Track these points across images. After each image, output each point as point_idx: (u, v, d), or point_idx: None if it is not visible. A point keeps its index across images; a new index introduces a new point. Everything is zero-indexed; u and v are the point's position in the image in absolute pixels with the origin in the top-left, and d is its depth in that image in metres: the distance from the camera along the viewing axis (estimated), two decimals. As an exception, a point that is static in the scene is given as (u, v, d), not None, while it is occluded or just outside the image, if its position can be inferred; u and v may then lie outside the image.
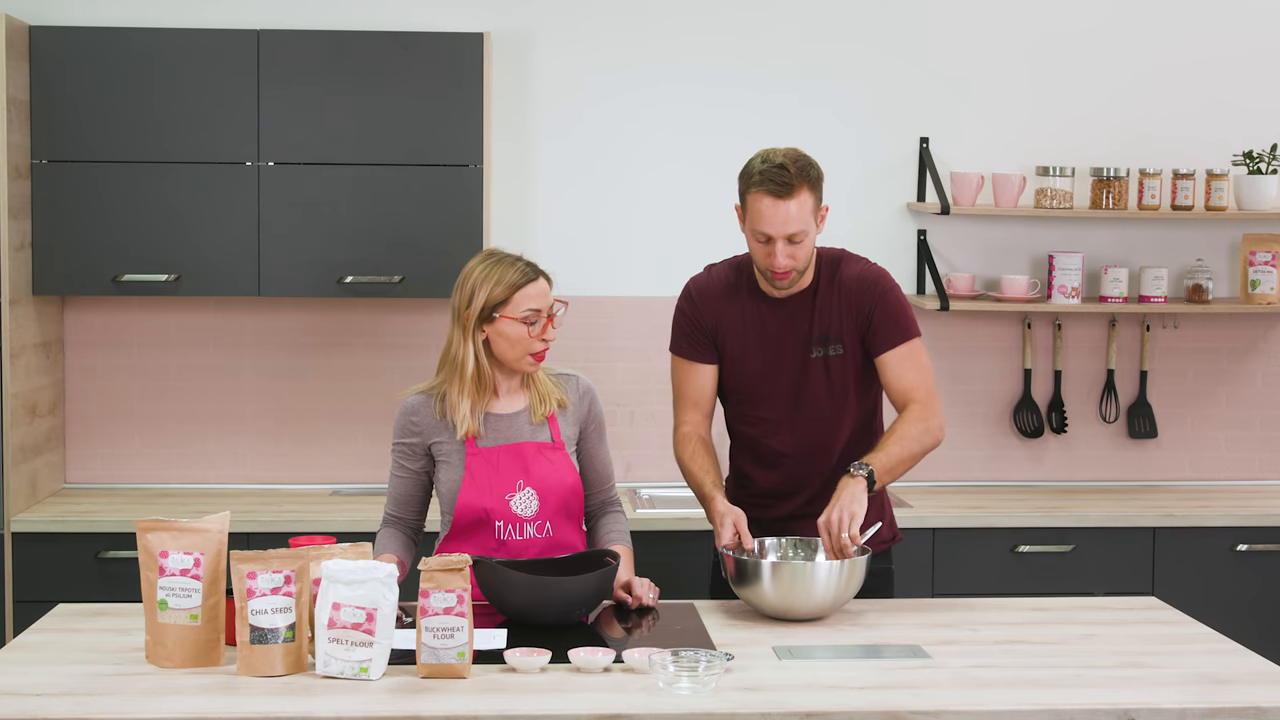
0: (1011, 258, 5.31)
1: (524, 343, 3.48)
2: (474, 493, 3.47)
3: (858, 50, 5.24)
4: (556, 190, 5.22)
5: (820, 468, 3.68)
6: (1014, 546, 4.82)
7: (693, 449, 3.69)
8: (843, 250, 3.73)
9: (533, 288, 3.50)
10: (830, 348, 3.64)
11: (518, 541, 3.48)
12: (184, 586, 3.04)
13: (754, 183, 3.53)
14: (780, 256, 3.52)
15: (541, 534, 3.50)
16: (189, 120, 4.81)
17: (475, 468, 3.48)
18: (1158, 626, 3.45)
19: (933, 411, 3.60)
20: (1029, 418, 5.32)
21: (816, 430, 3.67)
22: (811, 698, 2.87)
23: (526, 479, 3.49)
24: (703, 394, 3.73)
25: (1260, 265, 5.18)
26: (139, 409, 5.18)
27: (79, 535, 4.64)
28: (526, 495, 3.49)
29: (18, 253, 4.71)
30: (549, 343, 3.52)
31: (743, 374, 3.69)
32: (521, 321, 3.47)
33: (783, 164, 3.51)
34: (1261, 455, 5.40)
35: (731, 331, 3.68)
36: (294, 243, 4.84)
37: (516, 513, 3.48)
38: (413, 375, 5.13)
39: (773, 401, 3.67)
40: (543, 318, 3.50)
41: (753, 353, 3.67)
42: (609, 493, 3.68)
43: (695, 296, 3.74)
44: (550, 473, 3.51)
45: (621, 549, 3.59)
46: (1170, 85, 5.29)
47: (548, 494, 3.50)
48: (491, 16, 5.13)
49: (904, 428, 3.56)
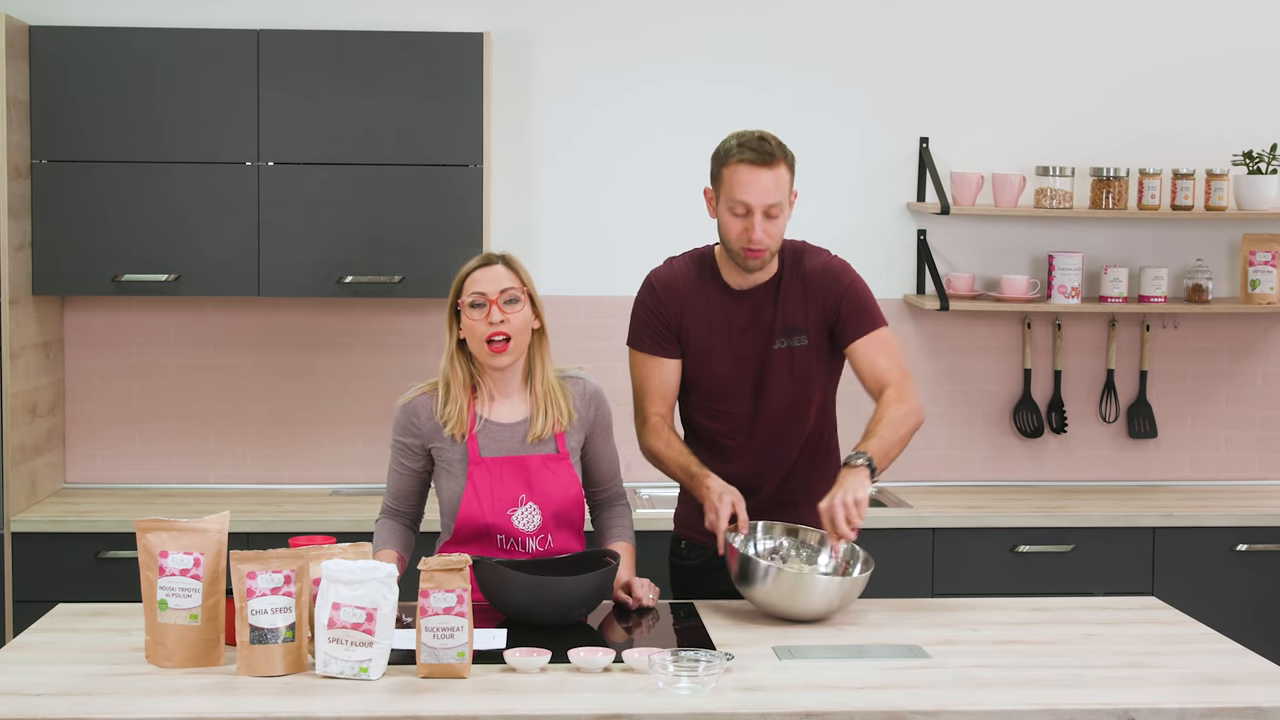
0: (1011, 258, 5.31)
1: (475, 329, 3.42)
2: (475, 506, 3.45)
3: (857, 50, 5.24)
4: (556, 190, 5.22)
5: (781, 461, 3.67)
6: (1014, 546, 4.82)
7: (667, 436, 3.66)
8: (803, 242, 3.72)
9: (482, 273, 3.44)
10: (794, 339, 3.62)
11: (519, 555, 3.47)
12: (184, 586, 3.04)
13: (733, 153, 3.53)
14: (758, 230, 3.50)
15: (543, 547, 3.48)
16: (189, 120, 4.81)
17: (478, 479, 3.46)
18: (1158, 626, 3.45)
19: (909, 391, 3.57)
20: (1029, 418, 5.33)
21: (778, 422, 3.65)
22: (811, 698, 2.87)
23: (530, 494, 3.47)
24: (668, 388, 3.69)
25: (1260, 265, 5.18)
26: (139, 409, 5.18)
27: (79, 535, 4.64)
28: (529, 510, 3.47)
29: (18, 253, 4.71)
30: (496, 327, 3.39)
31: (706, 367, 3.66)
32: (471, 307, 3.42)
33: (763, 136, 3.53)
34: (1261, 455, 5.40)
35: (695, 324, 3.65)
36: (294, 243, 4.85)
37: (518, 528, 3.46)
38: (412, 375, 5.13)
39: (736, 394, 3.65)
40: (488, 301, 3.41)
41: (717, 345, 3.65)
42: (615, 488, 3.67)
43: (658, 289, 3.69)
44: (554, 486, 3.48)
45: (623, 546, 3.58)
46: (1170, 86, 5.29)
47: (550, 508, 3.48)
48: (491, 16, 5.13)
49: (889, 410, 3.52)
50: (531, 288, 3.49)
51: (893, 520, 4.75)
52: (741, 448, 3.68)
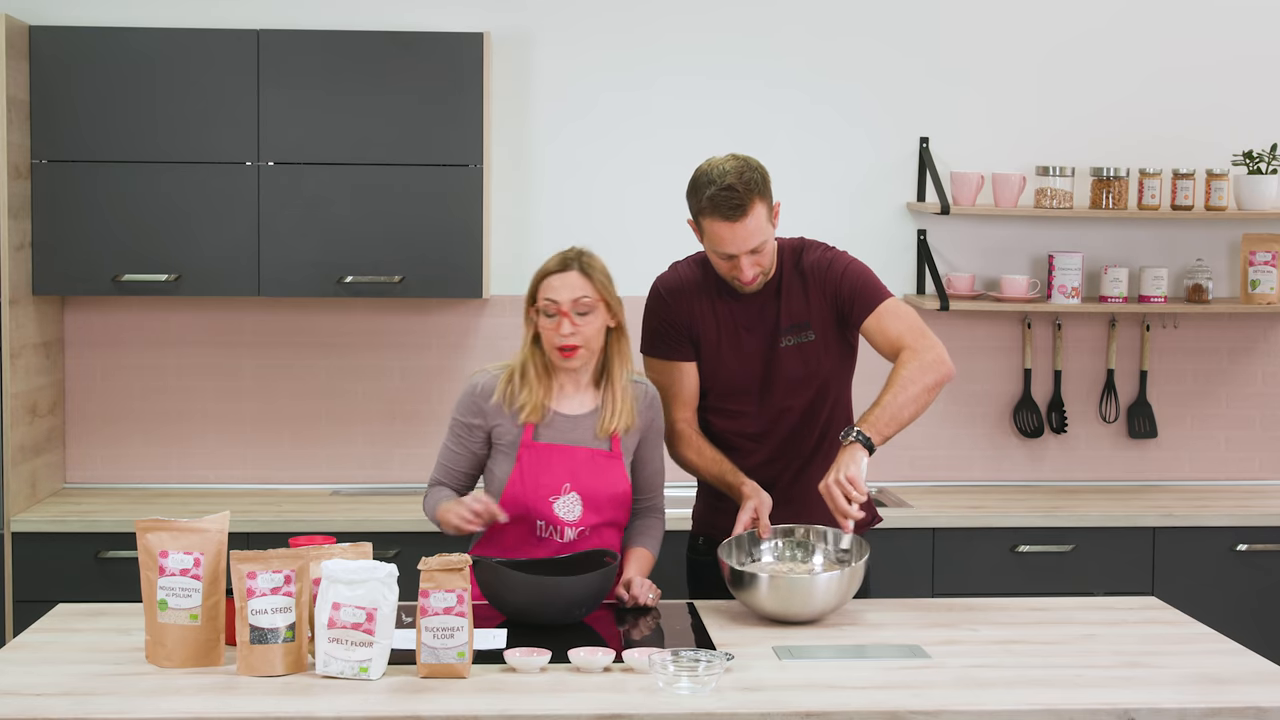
0: (1011, 258, 5.31)
1: (547, 336, 3.45)
2: (519, 488, 3.46)
3: (857, 50, 5.24)
4: (556, 190, 5.22)
5: (797, 456, 3.69)
6: (1014, 546, 4.82)
7: (697, 443, 3.70)
8: (801, 238, 3.73)
9: (556, 278, 3.44)
10: (801, 335, 3.64)
11: (557, 543, 3.48)
12: (184, 586, 3.04)
13: (705, 208, 3.50)
14: (746, 269, 3.54)
15: (581, 539, 3.48)
16: (189, 120, 4.81)
17: (526, 462, 3.47)
18: (1158, 626, 3.45)
19: (926, 346, 3.53)
20: (1029, 418, 5.32)
21: (792, 419, 3.67)
22: (811, 698, 2.87)
23: (574, 483, 3.48)
24: (688, 392, 3.72)
25: (1260, 265, 5.18)
26: (139, 409, 5.18)
27: (79, 535, 4.64)
28: (571, 500, 3.47)
29: (18, 253, 4.71)
30: (567, 339, 3.42)
31: (716, 369, 3.69)
32: (544, 315, 3.44)
33: (730, 185, 3.46)
34: (1261, 455, 5.40)
35: (704, 328, 3.68)
36: (294, 243, 4.84)
37: (559, 516, 3.47)
38: (412, 375, 5.14)
39: (746, 393, 3.68)
40: (558, 311, 3.43)
41: (726, 347, 3.67)
42: (653, 499, 3.66)
43: (666, 296, 3.72)
44: (599, 480, 3.49)
45: (641, 552, 3.59)
46: (1171, 87, 5.29)
47: (593, 501, 3.48)
48: (491, 16, 5.13)
49: (899, 372, 3.49)
50: (606, 293, 3.47)
51: (893, 520, 4.75)
52: (756, 445, 3.70)
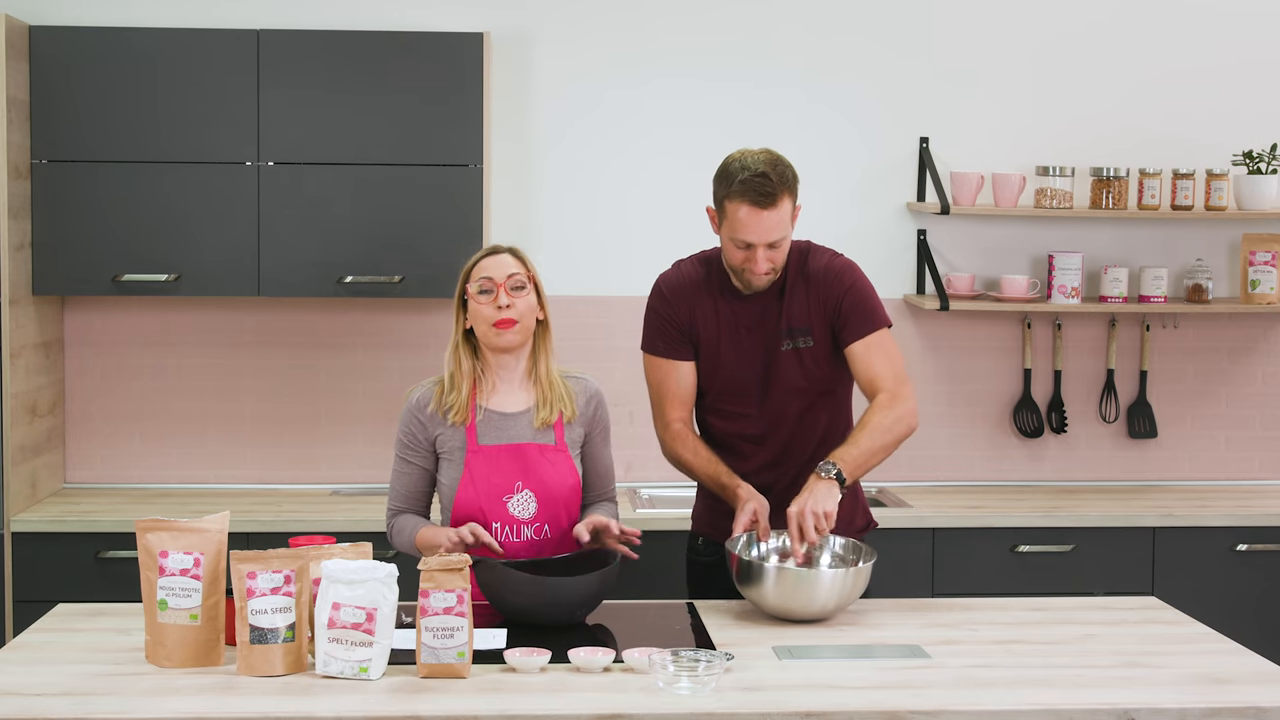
0: (1011, 258, 5.31)
1: (482, 313, 3.46)
2: (471, 492, 3.47)
3: (857, 50, 5.24)
4: (556, 190, 5.22)
5: (795, 461, 3.68)
6: (1014, 546, 4.82)
7: (693, 444, 3.69)
8: (808, 242, 3.72)
9: (489, 260, 3.50)
10: (800, 340, 3.63)
11: (515, 544, 3.47)
12: (184, 586, 3.04)
13: (735, 191, 3.51)
14: (761, 262, 3.53)
15: (539, 536, 3.49)
16: (189, 120, 4.81)
17: (475, 466, 3.48)
18: (1158, 626, 3.45)
19: (902, 398, 3.56)
20: (1029, 418, 5.32)
21: (790, 422, 3.67)
22: (811, 698, 2.87)
23: (525, 480, 3.49)
24: (685, 390, 3.72)
25: (1260, 265, 5.18)
26: (139, 409, 5.18)
27: (79, 535, 4.64)
28: (524, 497, 3.48)
29: (18, 253, 4.71)
30: (504, 310, 3.44)
31: (716, 369, 3.69)
32: (479, 294, 3.46)
33: (765, 172, 3.48)
34: (1261, 455, 5.40)
35: (705, 327, 3.68)
36: (294, 243, 4.85)
37: (514, 515, 3.47)
38: (412, 375, 5.14)
39: (746, 395, 3.67)
40: (495, 286, 3.46)
41: (726, 348, 3.67)
42: (607, 492, 3.66)
43: (668, 293, 3.73)
44: (551, 474, 3.50)
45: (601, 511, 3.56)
46: (1171, 87, 5.29)
47: (547, 496, 3.49)
48: (491, 16, 5.13)
49: (874, 417, 3.53)
50: (537, 278, 3.53)
51: (893, 520, 4.75)
52: (756, 448, 3.69)
